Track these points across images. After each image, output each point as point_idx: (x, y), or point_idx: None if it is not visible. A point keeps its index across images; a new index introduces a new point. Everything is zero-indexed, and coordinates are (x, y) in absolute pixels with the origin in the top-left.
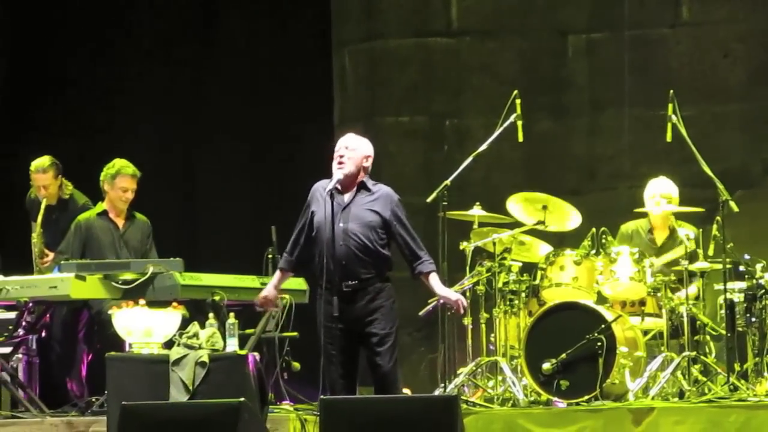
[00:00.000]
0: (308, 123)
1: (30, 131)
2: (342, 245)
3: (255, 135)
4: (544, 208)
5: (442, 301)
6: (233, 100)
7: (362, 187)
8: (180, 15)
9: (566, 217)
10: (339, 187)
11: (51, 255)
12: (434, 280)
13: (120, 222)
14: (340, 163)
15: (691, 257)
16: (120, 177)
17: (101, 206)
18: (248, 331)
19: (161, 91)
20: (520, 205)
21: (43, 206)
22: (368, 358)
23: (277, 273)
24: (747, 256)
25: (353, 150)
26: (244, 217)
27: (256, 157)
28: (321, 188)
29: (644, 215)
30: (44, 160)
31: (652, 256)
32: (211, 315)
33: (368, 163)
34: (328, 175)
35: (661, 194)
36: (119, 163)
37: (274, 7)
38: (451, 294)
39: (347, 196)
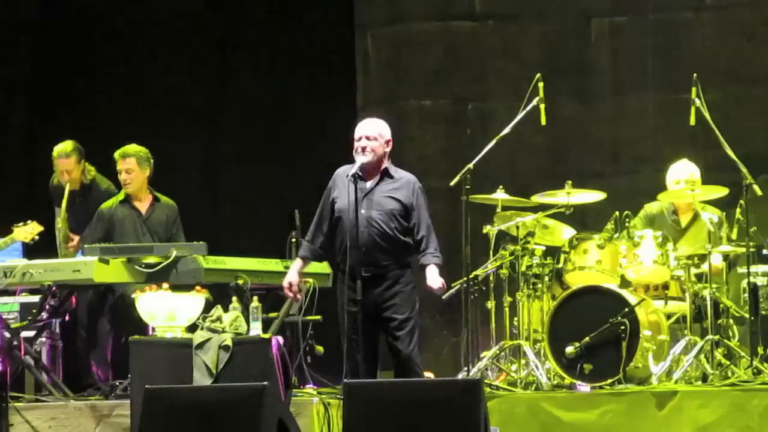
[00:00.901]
0: (331, 106)
1: (51, 119)
2: (363, 232)
3: (278, 118)
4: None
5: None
6: (255, 84)
7: (385, 174)
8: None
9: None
10: (361, 173)
11: (76, 239)
12: (430, 271)
13: (143, 207)
14: (364, 152)
15: (714, 241)
16: (117, 160)
17: (123, 193)
18: (272, 314)
19: (185, 75)
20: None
21: (66, 191)
22: (388, 342)
23: (299, 261)
24: None
25: (374, 139)
26: (267, 201)
27: (279, 141)
28: (343, 174)
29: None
30: (67, 145)
31: (674, 237)
32: (234, 299)
33: (389, 148)
34: (351, 159)
35: (685, 179)
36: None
37: None
38: (437, 284)
39: (369, 183)
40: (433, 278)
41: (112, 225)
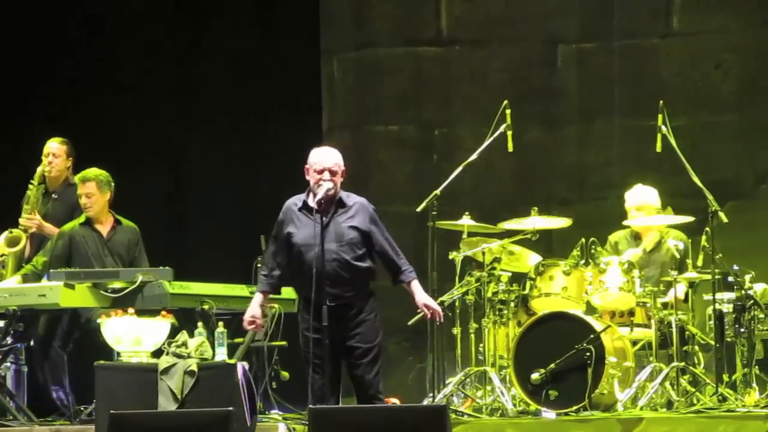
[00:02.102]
0: (296, 132)
1: (15, 131)
2: (326, 264)
3: (243, 143)
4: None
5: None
6: (221, 109)
7: (338, 204)
8: (167, 21)
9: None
10: (313, 205)
11: (38, 219)
12: (416, 287)
13: (105, 230)
14: (326, 183)
15: (680, 267)
16: (78, 185)
17: (84, 216)
18: (237, 340)
19: (150, 99)
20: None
21: (42, 171)
22: (351, 370)
23: (259, 295)
24: (736, 267)
25: (336, 174)
26: (233, 226)
27: (245, 166)
28: (294, 208)
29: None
30: (61, 138)
31: (638, 263)
32: (200, 324)
33: (343, 177)
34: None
35: (634, 206)
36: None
37: (263, 14)
38: (432, 302)
39: (328, 215)
40: (425, 297)
41: (74, 246)
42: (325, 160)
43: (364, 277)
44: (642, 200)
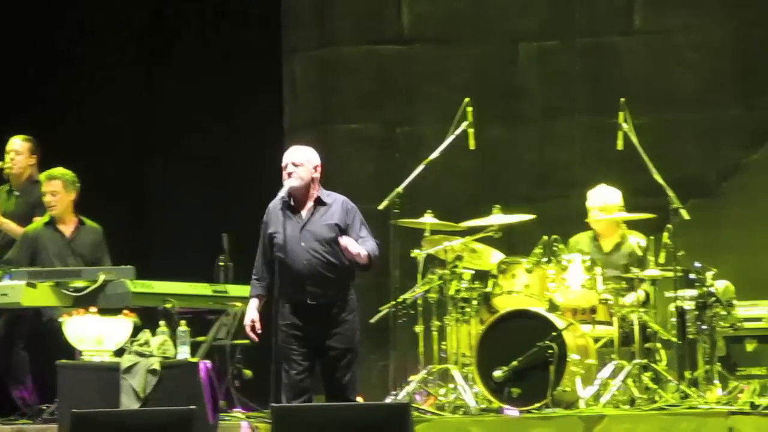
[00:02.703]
0: (258, 130)
1: None
2: (305, 264)
3: (205, 141)
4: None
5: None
6: (184, 107)
7: (318, 202)
8: (129, 21)
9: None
10: (293, 202)
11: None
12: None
13: (68, 230)
14: (290, 178)
15: (641, 265)
16: (43, 183)
17: (48, 216)
18: (200, 338)
19: (113, 98)
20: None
21: (4, 167)
22: (325, 371)
23: (254, 300)
24: (698, 264)
25: (301, 165)
26: (195, 224)
27: (207, 164)
28: (276, 209)
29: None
30: (24, 135)
31: (600, 263)
32: (162, 322)
33: (317, 174)
34: (279, 182)
35: (597, 207)
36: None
37: (225, 12)
38: (354, 247)
39: (304, 213)
40: (351, 240)
41: (37, 247)
42: (288, 154)
43: (344, 275)
44: (605, 201)
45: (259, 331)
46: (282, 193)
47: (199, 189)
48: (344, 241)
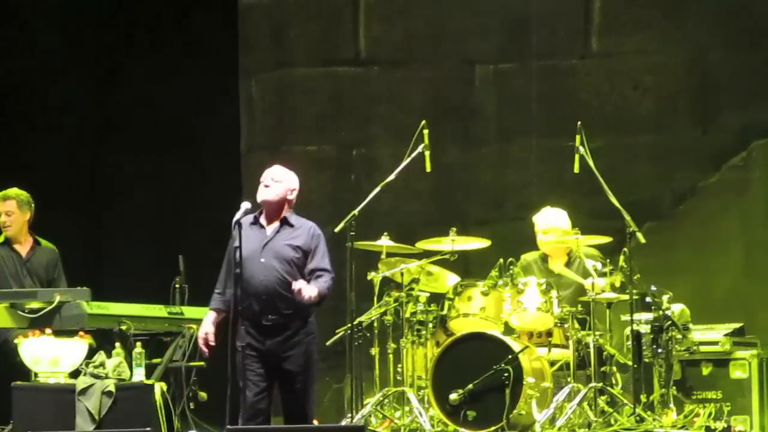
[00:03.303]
0: (215, 151)
1: None
2: (264, 280)
3: (161, 163)
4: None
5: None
6: (140, 128)
7: (285, 222)
8: (85, 40)
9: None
10: (263, 219)
11: None
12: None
13: (24, 250)
14: (265, 191)
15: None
16: None
17: (3, 236)
18: (155, 360)
19: (66, 117)
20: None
21: None
22: (282, 392)
23: (212, 313)
24: (654, 287)
25: (278, 182)
26: (151, 246)
27: (163, 185)
28: (246, 223)
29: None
30: None
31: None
32: (117, 344)
33: (293, 197)
34: (235, 203)
35: (542, 230)
36: None
37: (181, 33)
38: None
39: (270, 231)
40: (304, 283)
41: None
42: (269, 170)
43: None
44: (548, 223)
45: (213, 344)
46: (246, 204)
47: (156, 211)
48: (297, 285)
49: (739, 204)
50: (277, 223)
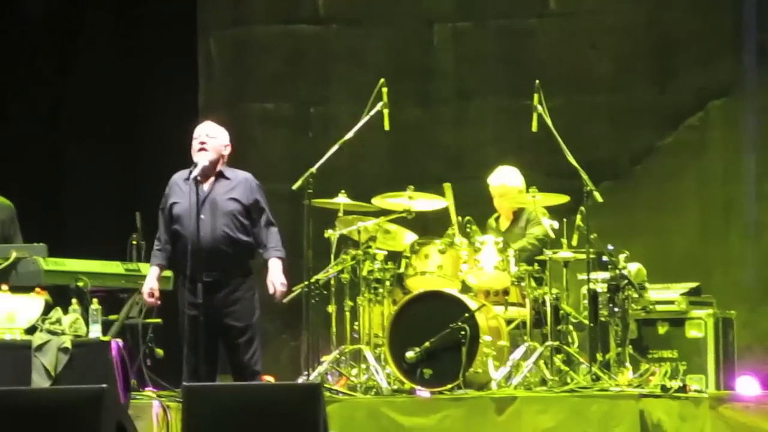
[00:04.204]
0: (173, 108)
1: None
2: (204, 236)
3: (119, 120)
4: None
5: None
6: (99, 85)
7: (220, 175)
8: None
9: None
10: (199, 177)
11: None
12: (273, 264)
13: None
14: (202, 150)
15: (553, 246)
16: None
17: None
18: (111, 317)
19: (28, 72)
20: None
21: None
22: (227, 350)
23: (155, 268)
24: (611, 247)
25: (214, 138)
26: (108, 203)
27: (121, 142)
28: (180, 179)
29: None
30: None
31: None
32: (74, 301)
33: (227, 152)
34: (191, 162)
35: (495, 190)
36: None
37: None
38: (279, 280)
39: (206, 186)
40: (276, 274)
41: None
42: (201, 127)
43: (242, 252)
44: (500, 182)
45: (158, 302)
46: (197, 170)
47: (112, 167)
48: (272, 288)
49: (696, 164)
50: (212, 178)
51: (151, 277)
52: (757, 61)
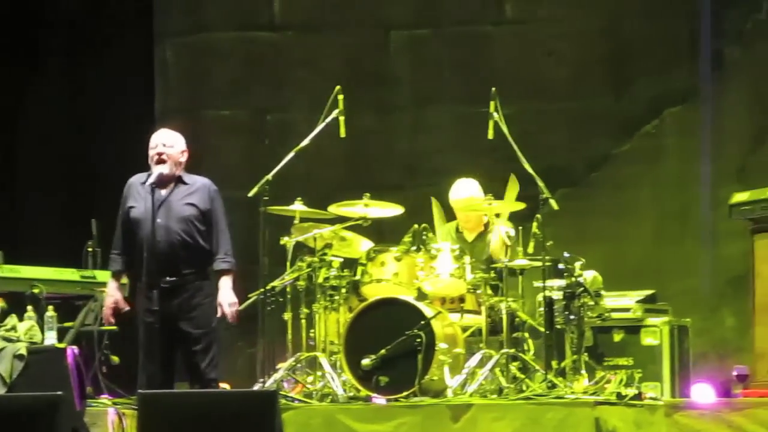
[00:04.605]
0: (129, 115)
1: None
2: (161, 241)
3: (76, 126)
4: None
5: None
6: (54, 92)
7: (179, 181)
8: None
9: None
10: (156, 182)
11: None
12: (223, 282)
13: None
14: (161, 161)
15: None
16: None
17: None
18: (67, 324)
19: None
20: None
21: None
22: (184, 357)
23: (113, 282)
24: (566, 254)
25: (171, 147)
26: (64, 210)
27: (77, 149)
28: (137, 183)
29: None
30: None
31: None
32: (29, 307)
33: (184, 158)
34: (148, 168)
35: (454, 203)
36: None
37: None
38: (227, 301)
39: (165, 191)
40: (225, 295)
41: None
42: (158, 136)
43: (200, 257)
44: (460, 194)
45: (126, 308)
46: (152, 178)
47: (68, 174)
48: (223, 310)
49: (652, 171)
50: (171, 184)
51: (112, 288)
52: (712, 69)
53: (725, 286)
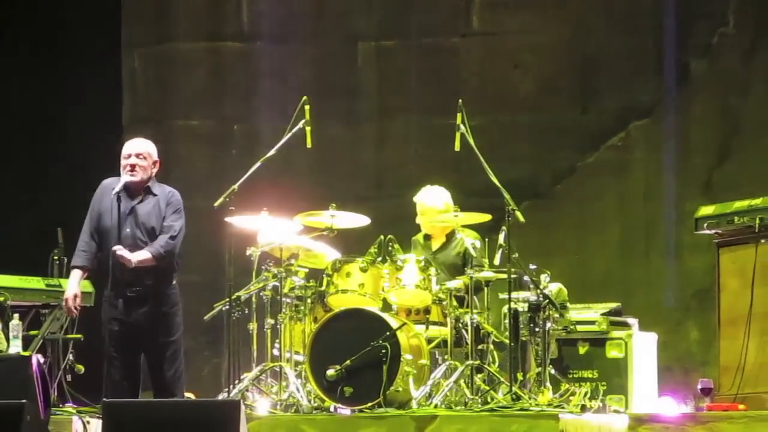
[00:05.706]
0: (96, 124)
1: None
2: (127, 250)
3: (42, 135)
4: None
5: None
6: (20, 100)
7: (148, 192)
8: None
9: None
10: (126, 191)
11: None
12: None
13: None
14: (132, 172)
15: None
16: None
17: None
18: (32, 332)
19: None
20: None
21: None
22: (149, 364)
23: (77, 271)
24: (532, 266)
25: (144, 158)
26: (29, 218)
27: (43, 158)
28: (108, 187)
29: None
30: None
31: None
32: None
33: (156, 169)
34: (118, 175)
35: (419, 209)
36: None
37: (63, 5)
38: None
39: (134, 201)
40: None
41: None
42: (131, 145)
43: (166, 266)
44: (425, 203)
45: (79, 307)
46: (118, 186)
47: (34, 183)
48: (118, 252)
49: (618, 184)
50: (140, 193)
51: (73, 281)
52: (678, 83)
53: (690, 300)
